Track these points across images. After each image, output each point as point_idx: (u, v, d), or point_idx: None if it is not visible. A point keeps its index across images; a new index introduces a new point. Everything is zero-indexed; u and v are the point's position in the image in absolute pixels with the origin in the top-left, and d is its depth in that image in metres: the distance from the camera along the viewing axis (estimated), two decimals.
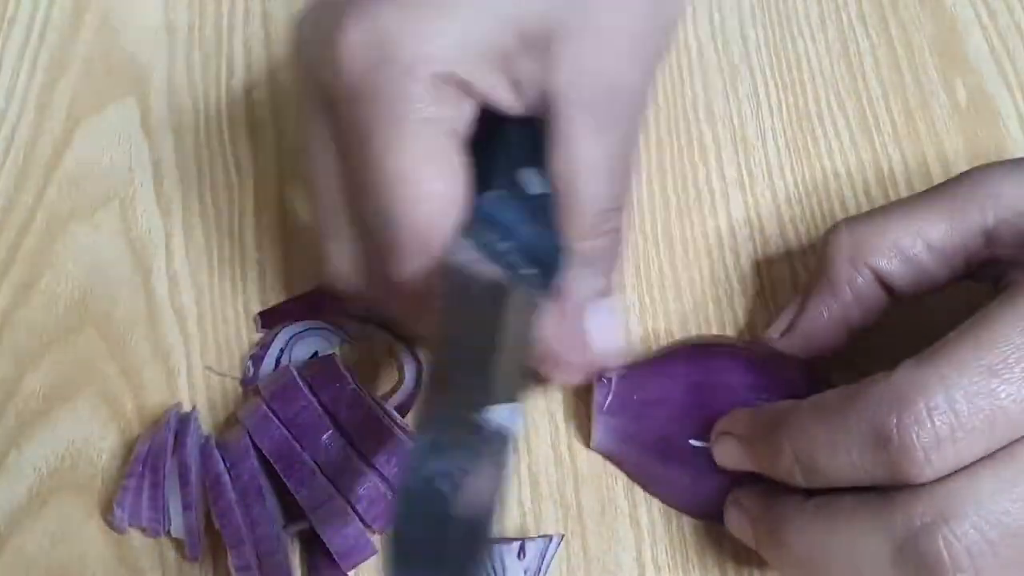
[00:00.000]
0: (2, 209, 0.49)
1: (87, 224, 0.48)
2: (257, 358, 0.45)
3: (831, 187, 0.48)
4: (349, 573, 0.41)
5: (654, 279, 0.46)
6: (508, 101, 0.35)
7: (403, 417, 0.44)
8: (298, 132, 0.48)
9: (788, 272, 0.47)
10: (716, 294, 0.46)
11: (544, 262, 0.36)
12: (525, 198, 0.36)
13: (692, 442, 0.40)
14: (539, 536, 0.41)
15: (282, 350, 0.45)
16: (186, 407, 0.45)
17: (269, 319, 0.46)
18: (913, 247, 0.39)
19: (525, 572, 0.40)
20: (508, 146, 0.37)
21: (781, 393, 0.39)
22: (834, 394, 0.35)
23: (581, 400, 0.43)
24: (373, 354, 0.46)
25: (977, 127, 0.49)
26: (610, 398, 0.41)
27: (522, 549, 0.40)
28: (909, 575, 0.32)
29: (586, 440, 0.43)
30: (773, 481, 0.36)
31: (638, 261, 0.47)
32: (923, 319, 0.39)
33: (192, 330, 0.46)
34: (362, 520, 0.40)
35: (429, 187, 0.34)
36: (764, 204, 0.48)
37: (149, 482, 0.41)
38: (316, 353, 0.45)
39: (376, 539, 0.41)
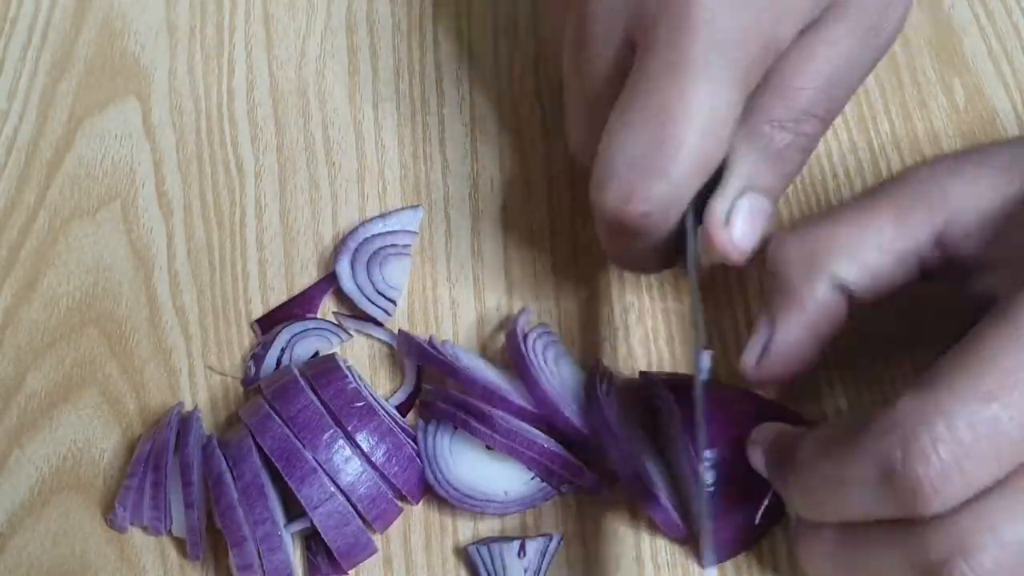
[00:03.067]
0: (4, 209, 0.49)
1: (89, 224, 0.49)
2: (258, 357, 0.45)
3: (829, 187, 0.48)
4: (350, 572, 0.41)
5: (653, 278, 0.46)
6: None
7: (403, 416, 0.44)
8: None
9: None
10: (715, 294, 0.46)
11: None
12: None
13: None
14: (539, 535, 0.41)
15: (283, 349, 0.45)
16: (188, 406, 0.45)
17: (268, 325, 0.46)
18: (865, 250, 0.38)
19: (525, 571, 0.40)
20: None
21: (728, 425, 0.39)
22: (835, 428, 0.34)
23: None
24: (373, 354, 0.46)
25: (975, 128, 0.49)
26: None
27: (522, 548, 0.40)
28: None
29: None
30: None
31: None
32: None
33: (193, 330, 0.46)
34: (363, 519, 0.40)
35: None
36: None
37: (151, 481, 0.42)
38: (317, 352, 0.45)
39: (376, 538, 0.41)
